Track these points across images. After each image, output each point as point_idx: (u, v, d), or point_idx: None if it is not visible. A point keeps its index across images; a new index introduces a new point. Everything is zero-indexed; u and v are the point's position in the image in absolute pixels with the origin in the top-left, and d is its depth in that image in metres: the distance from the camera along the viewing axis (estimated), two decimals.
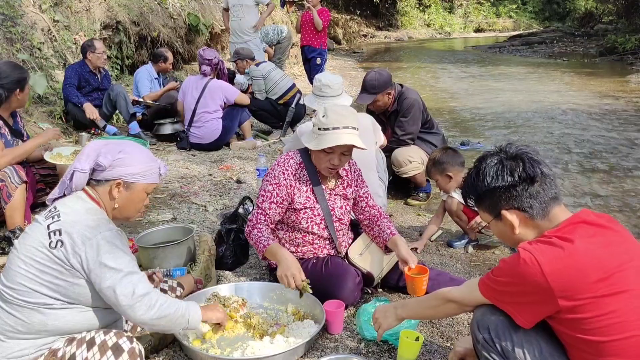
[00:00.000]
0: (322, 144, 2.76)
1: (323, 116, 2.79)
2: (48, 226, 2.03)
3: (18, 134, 3.71)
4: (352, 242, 3.15)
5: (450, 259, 3.71)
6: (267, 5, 8.82)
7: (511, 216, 1.87)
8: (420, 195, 4.89)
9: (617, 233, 1.81)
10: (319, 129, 2.79)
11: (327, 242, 3.05)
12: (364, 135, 3.94)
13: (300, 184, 2.94)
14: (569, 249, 1.70)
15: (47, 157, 3.80)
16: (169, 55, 7.21)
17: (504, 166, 1.88)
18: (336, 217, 3.03)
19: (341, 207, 3.05)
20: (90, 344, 2.00)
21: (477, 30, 37.17)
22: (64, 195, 2.17)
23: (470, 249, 3.87)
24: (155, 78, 7.13)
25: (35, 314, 2.01)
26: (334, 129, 2.75)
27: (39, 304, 2.01)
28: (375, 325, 2.38)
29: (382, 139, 4.19)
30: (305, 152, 2.99)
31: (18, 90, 3.59)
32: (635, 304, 1.68)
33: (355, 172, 3.16)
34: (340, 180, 3.07)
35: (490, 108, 9.72)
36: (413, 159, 4.61)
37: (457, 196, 3.80)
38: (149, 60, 7.43)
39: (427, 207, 4.83)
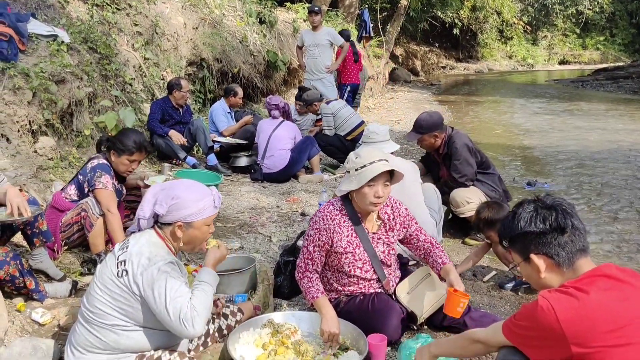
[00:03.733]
0: (364, 179, 2.92)
1: (356, 158, 3.02)
2: (118, 257, 2.35)
3: (121, 179, 4.15)
4: (399, 281, 3.30)
5: (500, 301, 3.80)
6: (341, 47, 9.18)
7: (538, 261, 2.03)
8: (479, 235, 4.97)
9: (636, 288, 1.92)
10: (356, 169, 2.97)
11: (373, 282, 3.20)
12: (406, 175, 4.20)
13: (340, 228, 3.09)
14: (583, 300, 1.85)
15: (149, 182, 4.23)
16: (239, 90, 7.68)
17: (538, 214, 2.05)
18: (381, 260, 3.19)
19: (384, 252, 3.19)
20: None
21: (562, 62, 36.21)
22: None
23: (521, 291, 3.93)
24: (228, 112, 7.61)
25: (110, 333, 2.33)
26: (370, 163, 2.94)
27: (113, 325, 2.32)
28: None
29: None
30: (346, 198, 3.15)
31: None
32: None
33: (398, 216, 3.25)
34: (382, 224, 3.21)
35: (564, 147, 9.53)
36: (471, 200, 4.71)
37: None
38: (221, 96, 7.94)
39: None
